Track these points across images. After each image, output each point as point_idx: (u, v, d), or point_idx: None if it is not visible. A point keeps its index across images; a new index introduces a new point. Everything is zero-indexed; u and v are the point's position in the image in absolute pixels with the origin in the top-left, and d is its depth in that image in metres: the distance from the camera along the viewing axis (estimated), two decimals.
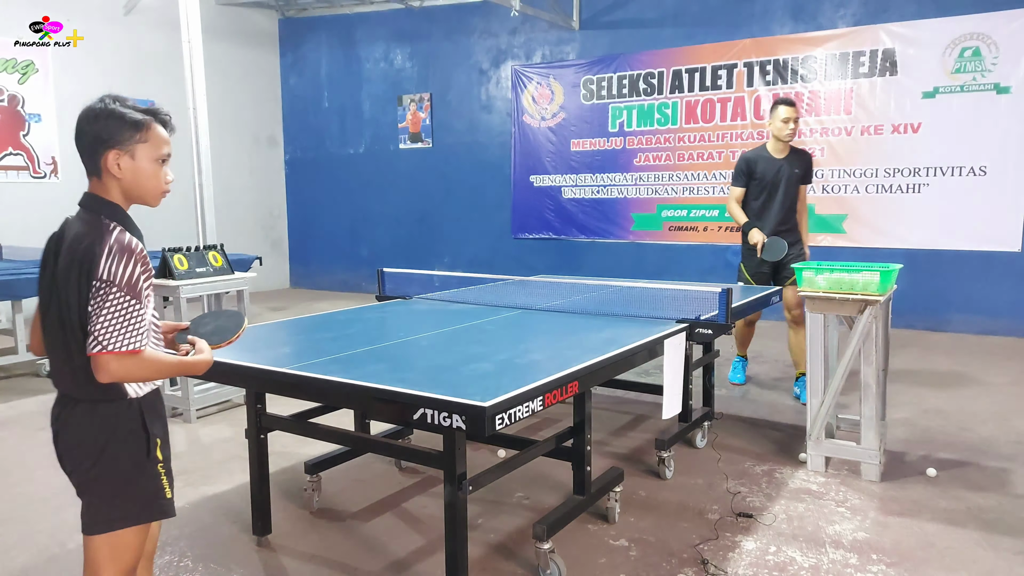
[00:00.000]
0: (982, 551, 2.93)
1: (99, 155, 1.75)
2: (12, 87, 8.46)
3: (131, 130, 1.77)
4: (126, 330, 1.66)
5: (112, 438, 1.76)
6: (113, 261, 1.66)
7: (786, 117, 4.78)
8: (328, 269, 11.64)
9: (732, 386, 5.44)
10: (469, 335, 3.22)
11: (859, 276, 3.62)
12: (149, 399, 1.84)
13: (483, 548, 2.98)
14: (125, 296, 1.67)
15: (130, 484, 1.79)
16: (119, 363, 1.66)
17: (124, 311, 1.66)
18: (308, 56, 11.43)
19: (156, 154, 1.83)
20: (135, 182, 1.80)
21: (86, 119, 1.76)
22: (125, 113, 1.77)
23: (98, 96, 1.79)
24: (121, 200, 1.81)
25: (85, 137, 1.76)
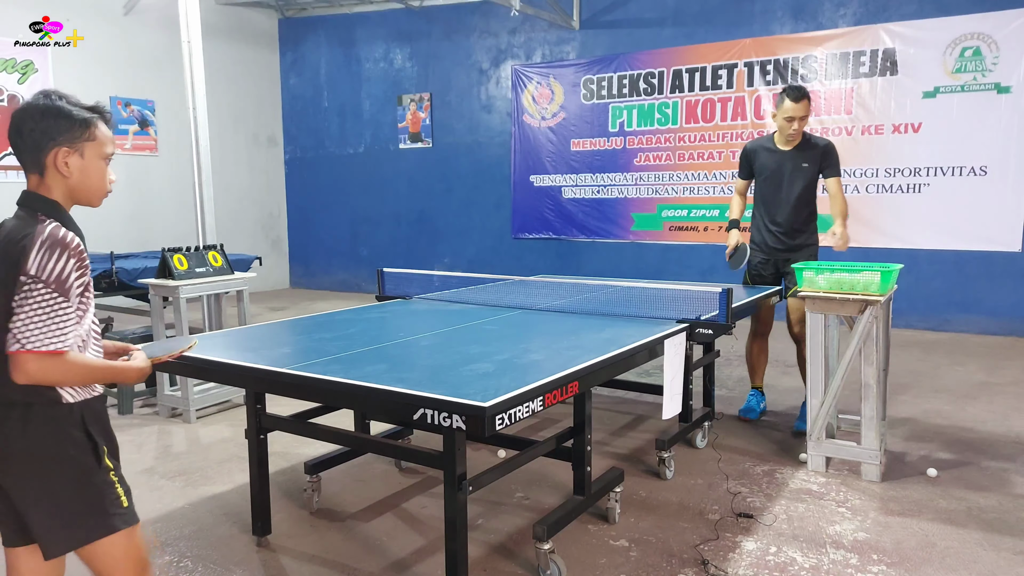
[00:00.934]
0: (982, 551, 2.93)
1: (44, 153, 1.67)
2: (12, 87, 8.46)
3: (80, 128, 1.70)
4: (49, 329, 1.57)
5: (53, 447, 1.64)
6: (43, 255, 1.58)
7: (790, 116, 4.24)
8: (328, 269, 11.64)
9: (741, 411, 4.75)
10: (469, 335, 3.22)
11: (859, 276, 3.61)
12: (91, 405, 1.72)
13: (483, 548, 2.98)
14: (52, 293, 1.58)
15: (82, 496, 1.68)
16: (38, 364, 1.57)
17: (49, 308, 1.57)
18: (308, 56, 11.43)
19: (103, 152, 1.76)
20: (82, 181, 1.73)
21: (30, 115, 1.67)
22: (72, 110, 1.70)
23: (40, 92, 1.72)
24: (63, 199, 1.73)
25: (28, 134, 1.66)
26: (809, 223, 4.53)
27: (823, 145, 4.40)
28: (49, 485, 1.64)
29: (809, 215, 4.52)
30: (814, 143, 4.42)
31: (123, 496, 1.75)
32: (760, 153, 4.54)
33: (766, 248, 4.59)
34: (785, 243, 4.51)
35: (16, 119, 1.67)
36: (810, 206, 4.50)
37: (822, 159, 4.37)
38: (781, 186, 4.46)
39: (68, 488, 1.66)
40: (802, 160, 4.39)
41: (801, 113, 4.25)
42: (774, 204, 4.50)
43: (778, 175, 4.45)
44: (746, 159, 4.63)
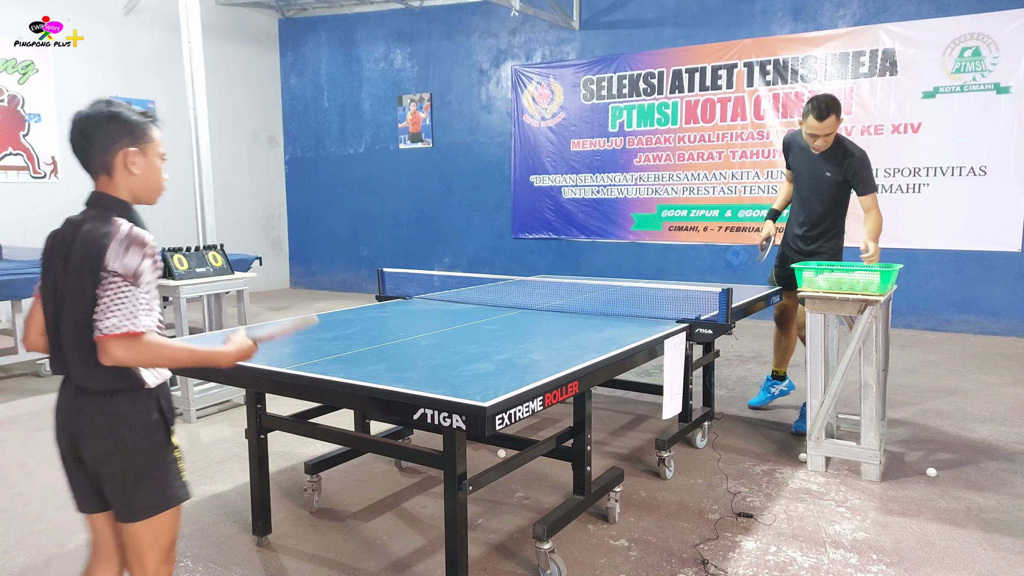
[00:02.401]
0: (982, 551, 2.93)
1: (112, 153, 1.82)
2: (12, 87, 8.46)
3: (140, 129, 1.86)
4: (126, 313, 1.70)
5: (137, 427, 1.81)
6: (124, 252, 1.73)
7: (813, 133, 4.05)
8: (328, 269, 11.65)
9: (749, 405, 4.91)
10: (469, 335, 3.22)
11: (859, 276, 3.62)
12: (164, 388, 1.90)
13: (483, 548, 2.98)
14: (129, 286, 1.72)
15: (157, 470, 1.85)
16: (118, 345, 1.69)
17: (127, 298, 1.71)
18: (308, 56, 11.44)
19: (159, 152, 1.92)
20: (146, 180, 1.88)
21: (96, 121, 1.81)
22: (131, 115, 1.85)
23: (99, 100, 1.85)
24: (129, 198, 1.87)
25: (95, 138, 1.81)
26: (830, 231, 4.36)
27: (849, 157, 4.12)
28: (129, 461, 1.81)
29: (832, 223, 4.35)
30: (843, 152, 4.15)
31: (183, 471, 1.93)
32: (794, 149, 4.38)
33: (788, 247, 4.53)
34: (800, 247, 4.45)
35: (82, 125, 1.82)
36: (833, 214, 4.32)
37: (846, 172, 4.15)
38: (807, 188, 4.33)
39: (145, 464, 1.83)
40: (826, 168, 4.19)
41: (826, 131, 4.03)
42: (800, 204, 4.41)
43: (806, 177, 4.32)
44: (785, 150, 4.48)
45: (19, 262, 6.07)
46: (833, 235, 4.39)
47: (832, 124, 4.03)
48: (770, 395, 4.87)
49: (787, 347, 4.77)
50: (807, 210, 4.37)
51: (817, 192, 4.29)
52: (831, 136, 4.10)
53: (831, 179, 4.21)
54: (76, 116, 1.84)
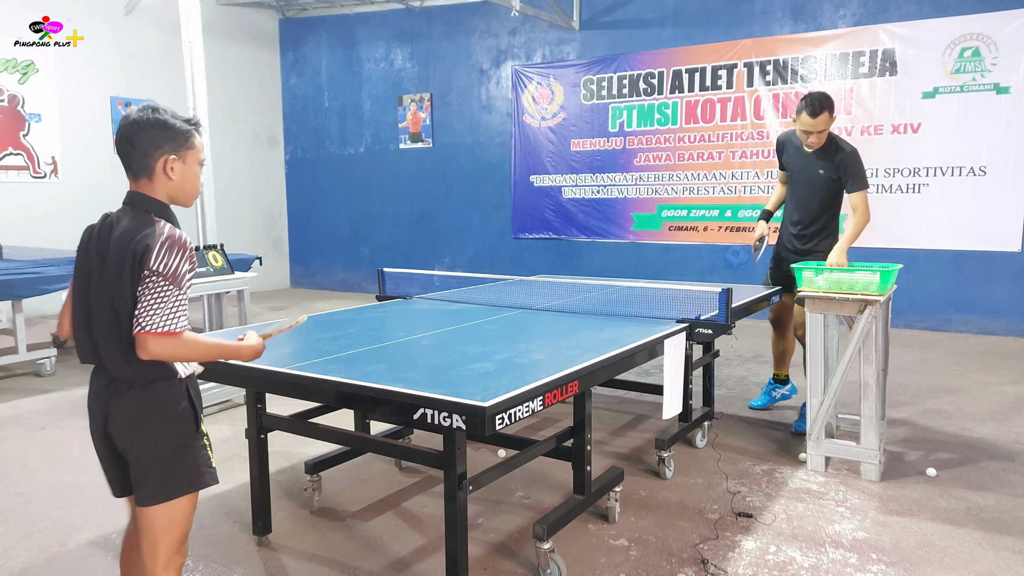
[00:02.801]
0: (982, 551, 2.93)
1: (153, 159, 1.91)
2: (12, 87, 8.46)
3: (182, 137, 1.94)
4: (167, 313, 1.81)
5: (168, 415, 1.91)
6: (166, 254, 1.83)
7: (806, 129, 4.08)
8: (328, 269, 11.65)
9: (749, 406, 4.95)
10: (469, 335, 3.23)
11: (859, 276, 3.62)
12: (193, 379, 2.00)
13: (483, 548, 2.98)
14: (168, 284, 1.82)
15: (186, 456, 1.94)
16: (158, 342, 1.80)
17: (166, 296, 1.82)
18: (308, 56, 11.44)
19: (199, 159, 2.01)
20: (182, 184, 1.97)
21: (141, 127, 1.90)
22: (175, 123, 1.94)
23: (146, 106, 1.94)
24: (166, 200, 1.97)
25: (140, 143, 1.90)
26: (825, 229, 4.38)
27: (840, 154, 4.13)
28: (160, 446, 1.91)
29: (827, 220, 4.36)
30: (835, 149, 4.17)
31: (212, 457, 2.02)
32: (788, 148, 4.40)
33: (783, 247, 4.55)
34: (796, 246, 4.45)
35: (127, 131, 1.91)
36: (828, 212, 4.33)
37: (838, 168, 4.14)
38: (801, 187, 4.34)
39: (175, 448, 1.92)
40: (820, 165, 4.20)
41: (819, 128, 4.05)
42: (794, 203, 4.42)
43: (800, 175, 4.33)
44: (779, 150, 4.50)
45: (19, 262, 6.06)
46: (829, 233, 4.38)
47: (825, 121, 4.04)
48: (771, 398, 4.89)
49: (784, 350, 4.78)
50: (802, 209, 4.37)
51: (812, 190, 4.30)
52: (824, 133, 4.11)
53: (824, 176, 4.21)
54: (123, 120, 1.94)
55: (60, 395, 5.39)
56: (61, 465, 3.90)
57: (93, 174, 9.13)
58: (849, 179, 4.13)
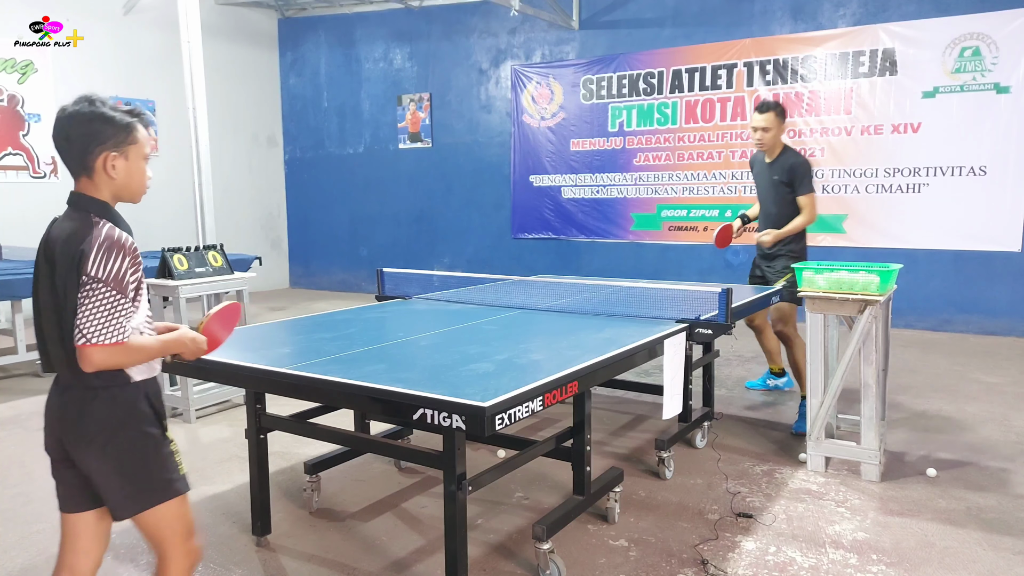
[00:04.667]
0: (982, 551, 2.93)
1: (92, 156, 1.78)
2: (12, 87, 8.46)
3: (123, 132, 1.80)
4: (111, 324, 1.70)
5: (125, 421, 1.80)
6: (102, 257, 1.70)
7: (753, 125, 4.56)
8: (328, 269, 11.64)
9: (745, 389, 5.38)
10: (469, 335, 3.22)
11: (859, 276, 3.62)
12: (152, 383, 1.88)
13: (483, 548, 2.98)
14: (112, 291, 1.71)
15: (152, 464, 1.84)
16: (100, 353, 1.70)
17: (110, 306, 1.71)
18: (308, 56, 11.43)
19: (143, 153, 1.86)
20: (127, 182, 1.84)
21: (77, 121, 1.76)
22: (114, 116, 1.79)
23: (82, 98, 1.79)
24: (110, 199, 1.84)
25: (77, 139, 1.77)
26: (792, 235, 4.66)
27: (792, 162, 4.54)
28: (124, 456, 1.80)
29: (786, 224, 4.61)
30: (789, 158, 4.57)
31: (181, 464, 1.92)
32: (756, 164, 4.83)
33: (756, 257, 4.91)
34: (763, 251, 4.77)
35: (63, 125, 1.76)
36: (788, 216, 4.60)
37: (790, 174, 4.53)
38: (766, 195, 4.73)
39: (141, 458, 1.82)
40: (775, 173, 4.59)
41: (761, 124, 4.49)
42: (763, 214, 4.81)
43: (763, 185, 4.74)
44: (750, 167, 4.95)
45: (19, 262, 6.07)
46: (792, 238, 4.64)
47: (769, 119, 4.48)
48: (767, 385, 5.30)
49: (770, 348, 5.11)
50: (766, 215, 4.76)
51: (770, 196, 4.68)
52: (769, 132, 4.51)
53: (779, 182, 4.59)
54: (59, 113, 1.79)
55: None
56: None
57: None
58: (798, 184, 4.54)
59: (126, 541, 3.07)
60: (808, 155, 7.89)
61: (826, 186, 7.87)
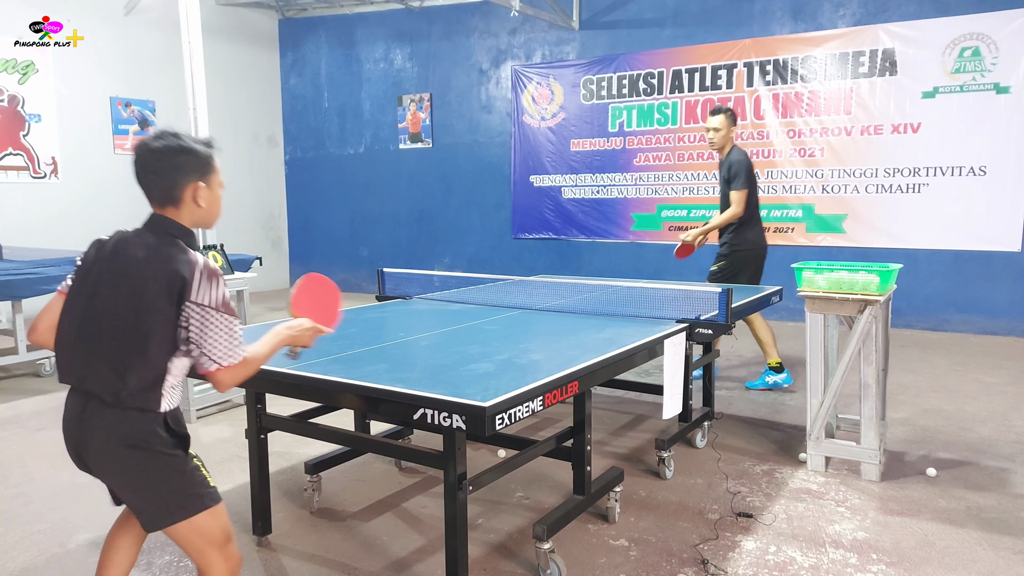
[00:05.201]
0: (982, 551, 2.93)
1: (181, 187, 1.86)
2: (12, 87, 8.46)
3: (206, 162, 1.91)
4: (233, 344, 1.83)
5: (142, 444, 1.83)
6: (210, 286, 1.80)
7: (706, 126, 5.08)
8: (328, 269, 11.62)
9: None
10: (469, 335, 3.22)
11: (859, 276, 3.62)
12: (174, 412, 1.92)
13: (483, 548, 2.98)
14: (224, 315, 1.81)
15: (177, 482, 1.87)
16: (232, 374, 1.85)
17: (227, 327, 1.82)
18: (308, 56, 11.44)
19: (220, 181, 1.98)
20: (210, 210, 1.94)
21: (162, 153, 1.83)
22: (199, 149, 1.89)
23: (165, 131, 1.86)
24: (191, 225, 1.93)
25: (163, 173, 1.84)
26: (730, 227, 5.17)
27: (732, 159, 5.05)
28: (143, 476, 1.84)
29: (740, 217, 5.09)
30: (731, 155, 5.11)
31: (208, 477, 1.95)
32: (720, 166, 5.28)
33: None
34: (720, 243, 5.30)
35: (148, 159, 1.83)
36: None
37: (729, 170, 5.03)
38: (721, 194, 5.22)
39: (163, 477, 1.86)
40: (722, 171, 5.13)
41: (713, 125, 5.03)
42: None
43: (721, 185, 5.22)
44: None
45: (19, 262, 6.06)
46: (735, 228, 5.14)
47: (720, 121, 5.01)
48: (766, 383, 5.33)
49: (763, 339, 5.27)
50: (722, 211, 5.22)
51: (722, 193, 5.17)
52: (720, 133, 5.02)
53: (724, 178, 5.10)
54: (141, 147, 1.84)
55: (60, 396, 5.38)
56: (60, 466, 3.90)
57: (93, 174, 9.14)
58: (734, 178, 5.00)
59: None
60: (808, 155, 7.91)
61: (826, 186, 7.88)
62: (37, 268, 5.61)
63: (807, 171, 7.97)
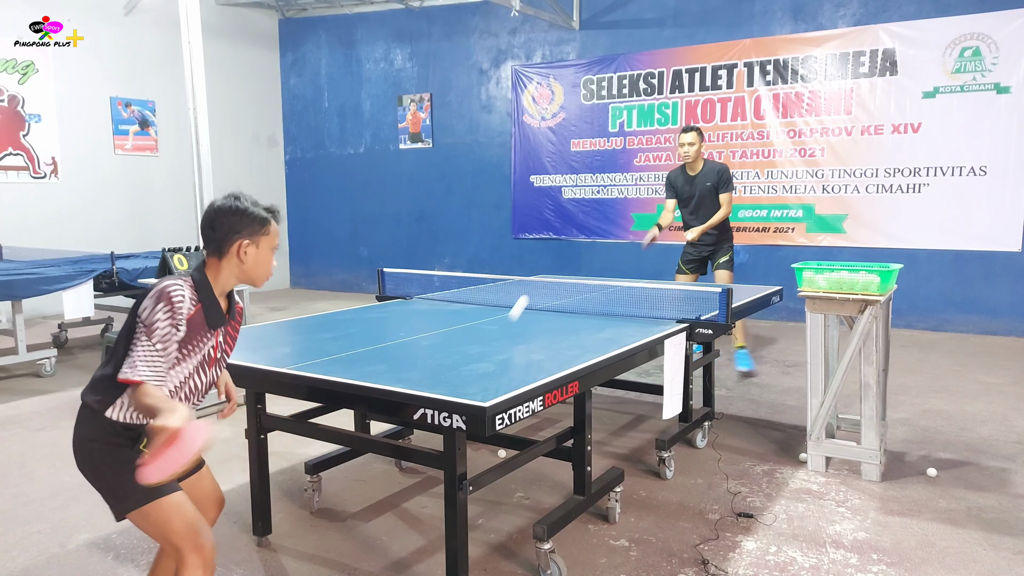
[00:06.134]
0: (982, 551, 2.93)
1: (230, 242, 2.07)
2: (12, 87, 8.46)
3: (259, 225, 2.10)
4: (135, 360, 1.90)
5: (99, 437, 2.00)
6: (151, 303, 1.93)
7: (681, 142, 5.69)
8: (328, 269, 11.65)
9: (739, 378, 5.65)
10: (469, 335, 3.22)
11: (859, 276, 3.62)
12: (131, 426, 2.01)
13: (483, 548, 2.98)
14: (143, 333, 1.92)
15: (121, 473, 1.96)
16: (132, 388, 1.93)
17: (138, 343, 1.92)
18: (308, 56, 11.44)
19: (273, 244, 2.15)
20: (254, 267, 2.11)
21: (223, 213, 2.06)
22: (256, 212, 2.10)
23: (230, 195, 2.11)
24: (227, 278, 2.09)
25: (220, 227, 2.06)
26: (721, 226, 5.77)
27: (719, 168, 5.71)
28: (97, 467, 2.02)
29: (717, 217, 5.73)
30: (713, 165, 5.74)
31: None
32: (678, 180, 5.82)
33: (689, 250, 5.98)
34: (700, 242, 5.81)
35: (210, 215, 2.08)
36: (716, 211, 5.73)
37: (719, 177, 5.64)
38: (694, 202, 5.76)
39: (112, 469, 1.99)
40: (706, 180, 5.67)
41: (688, 141, 5.62)
42: (692, 216, 5.83)
43: (691, 195, 5.75)
44: (668, 185, 5.93)
45: (19, 262, 6.06)
46: (722, 228, 5.77)
47: (694, 137, 5.62)
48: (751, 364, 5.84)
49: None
50: (700, 217, 5.74)
51: (704, 201, 5.72)
52: (694, 146, 5.62)
53: (710, 187, 5.66)
54: (209, 206, 2.11)
55: (60, 396, 5.39)
56: (60, 466, 3.90)
57: (93, 174, 9.14)
58: (723, 184, 5.66)
59: (126, 541, 3.08)
60: (808, 155, 7.92)
61: (826, 186, 7.87)
62: (37, 268, 5.61)
63: (807, 171, 7.96)
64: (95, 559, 2.95)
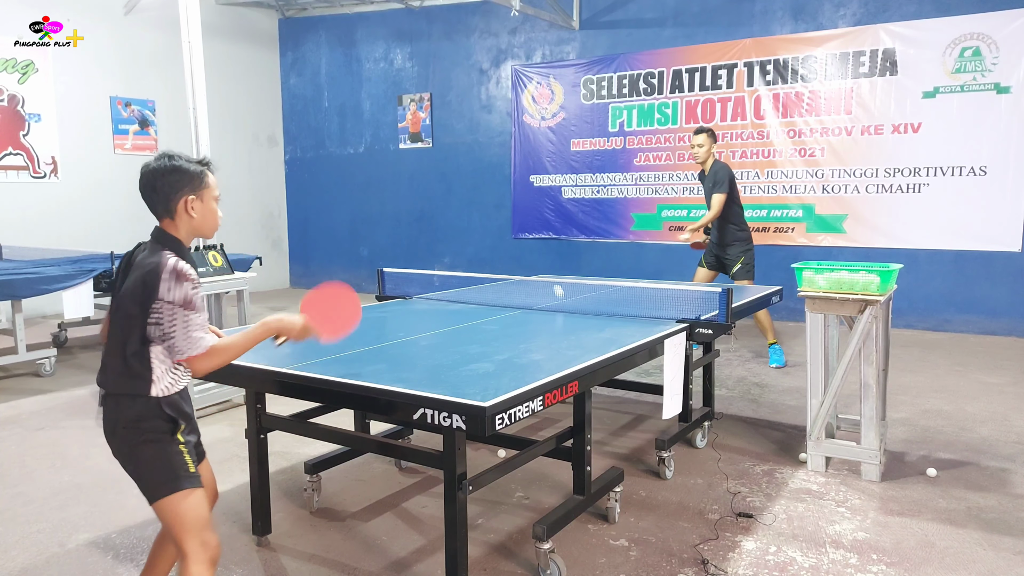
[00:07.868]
0: (982, 551, 2.93)
1: (174, 201, 2.11)
2: (12, 87, 8.46)
3: (197, 178, 2.15)
4: (193, 338, 2.02)
5: (136, 425, 2.04)
6: (175, 285, 2.00)
7: (692, 143, 5.89)
8: (328, 269, 11.64)
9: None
10: (469, 335, 3.22)
11: (859, 276, 3.62)
12: (171, 399, 2.09)
13: (483, 548, 2.98)
14: (185, 312, 2.01)
15: (154, 461, 2.05)
16: (200, 362, 2.05)
17: (187, 322, 2.01)
18: (308, 56, 11.43)
19: (214, 195, 2.21)
20: (203, 220, 2.17)
21: (160, 174, 2.09)
22: (189, 166, 2.14)
23: (162, 154, 2.13)
24: (186, 236, 2.16)
25: (160, 189, 2.10)
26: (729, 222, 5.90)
27: (715, 168, 5.81)
28: (132, 454, 2.07)
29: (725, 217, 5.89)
30: (714, 166, 5.83)
31: (191, 464, 2.11)
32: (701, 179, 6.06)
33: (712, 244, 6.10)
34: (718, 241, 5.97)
35: (148, 178, 2.11)
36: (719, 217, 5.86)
37: (713, 178, 5.76)
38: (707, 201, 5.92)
39: (147, 456, 2.06)
40: (708, 181, 5.85)
41: (697, 142, 5.82)
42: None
43: (706, 195, 5.93)
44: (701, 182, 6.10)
45: (19, 262, 6.06)
46: (735, 229, 5.92)
47: (703, 139, 5.80)
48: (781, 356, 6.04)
49: (762, 323, 6.02)
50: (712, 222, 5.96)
51: (708, 201, 5.84)
52: (703, 148, 5.79)
53: (710, 186, 5.80)
54: (143, 169, 2.12)
55: (59, 395, 5.39)
56: (60, 465, 3.90)
57: (92, 174, 9.14)
58: (716, 184, 5.76)
59: (126, 541, 3.08)
60: (808, 155, 7.92)
61: (826, 186, 7.87)
62: (37, 268, 5.61)
63: (807, 171, 7.97)
64: (95, 559, 2.95)
